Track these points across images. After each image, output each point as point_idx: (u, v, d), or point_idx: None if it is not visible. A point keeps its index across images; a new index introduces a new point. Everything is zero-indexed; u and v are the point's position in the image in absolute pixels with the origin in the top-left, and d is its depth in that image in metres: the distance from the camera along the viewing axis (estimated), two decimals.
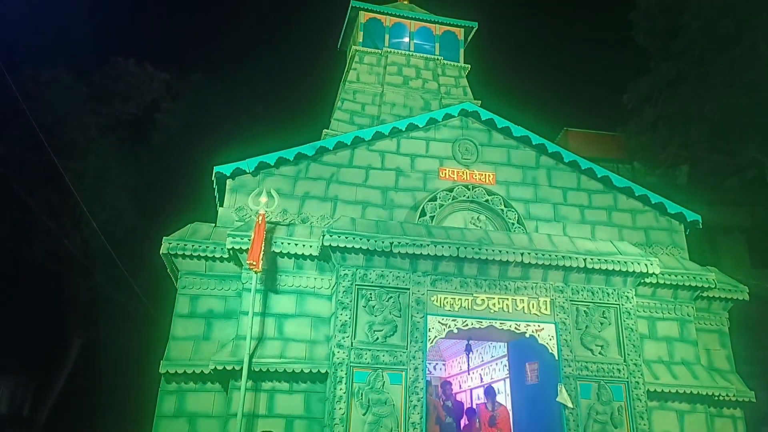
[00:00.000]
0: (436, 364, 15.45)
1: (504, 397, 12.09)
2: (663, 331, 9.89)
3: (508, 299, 9.22)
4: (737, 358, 10.70)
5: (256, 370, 8.54)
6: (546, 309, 9.25)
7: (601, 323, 9.31)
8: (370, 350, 8.64)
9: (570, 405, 8.69)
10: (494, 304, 9.18)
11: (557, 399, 8.79)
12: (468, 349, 11.78)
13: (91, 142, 18.87)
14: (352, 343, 8.64)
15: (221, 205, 10.42)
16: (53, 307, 17.91)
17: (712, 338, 10.53)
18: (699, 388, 9.32)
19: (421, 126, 11.24)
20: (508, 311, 9.18)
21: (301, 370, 8.70)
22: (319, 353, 8.94)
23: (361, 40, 15.20)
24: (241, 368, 8.40)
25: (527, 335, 9.21)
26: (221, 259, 9.54)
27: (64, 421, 14.84)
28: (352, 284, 8.92)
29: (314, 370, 8.71)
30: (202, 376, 8.97)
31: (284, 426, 8.44)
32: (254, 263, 8.60)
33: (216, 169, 10.23)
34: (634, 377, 8.98)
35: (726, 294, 10.38)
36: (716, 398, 9.52)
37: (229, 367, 8.49)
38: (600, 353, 9.13)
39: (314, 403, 8.78)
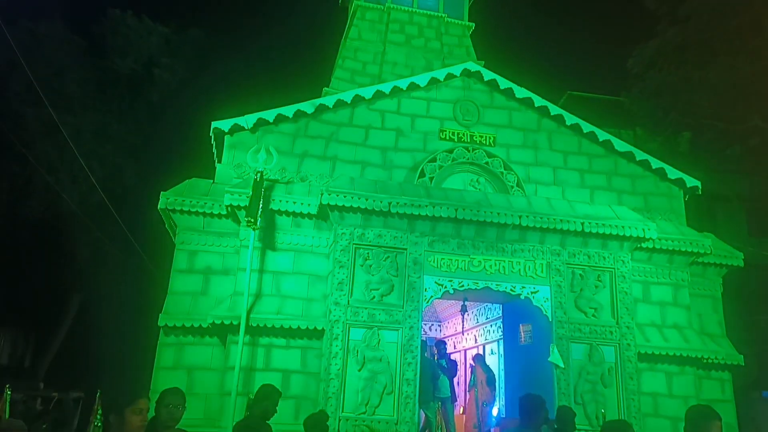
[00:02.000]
0: (432, 324, 15.65)
1: (497, 358, 12.32)
2: (657, 295, 9.98)
3: (504, 261, 9.28)
4: (730, 324, 10.85)
5: (254, 325, 8.65)
6: (542, 272, 9.32)
7: (596, 287, 9.40)
8: (366, 308, 8.75)
9: (561, 365, 8.84)
10: (491, 266, 9.24)
11: (549, 359, 8.93)
12: (463, 310, 11.92)
13: (89, 97, 18.64)
14: (348, 301, 8.74)
15: (219, 162, 10.37)
16: (52, 262, 18.02)
17: (705, 303, 10.65)
18: (689, 351, 9.47)
19: (422, 86, 11.09)
20: (504, 273, 9.25)
21: (298, 327, 8.81)
22: (315, 311, 9.04)
23: None
24: (239, 323, 8.51)
25: (522, 297, 9.31)
26: (219, 216, 9.56)
27: (65, 372, 15.14)
28: (349, 243, 8.95)
29: (311, 327, 8.82)
30: (200, 330, 9.10)
31: (281, 379, 8.60)
32: (252, 220, 8.61)
33: (214, 124, 10.13)
34: (626, 339, 9.12)
35: (721, 260, 10.45)
36: (705, 361, 9.68)
37: (227, 322, 8.61)
38: (593, 316, 9.25)
39: (311, 359, 8.93)
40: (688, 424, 3.55)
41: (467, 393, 11.49)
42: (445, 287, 9.14)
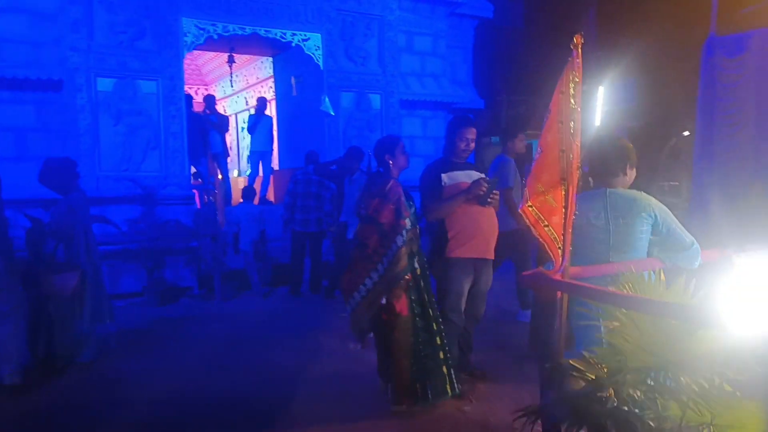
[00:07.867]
0: (198, 89, 14.58)
1: (270, 120, 12.14)
2: (419, 45, 10.39)
3: (274, 4, 8.55)
4: (475, 74, 12.03)
5: None
6: (313, 17, 8.87)
7: (365, 35, 9.37)
8: (114, 55, 7.56)
9: (332, 113, 9.01)
10: (259, 9, 8.46)
11: (321, 108, 9.01)
12: (230, 61, 11.10)
13: None
14: (89, 45, 7.38)
15: None
16: None
17: (458, 54, 11.49)
18: (442, 97, 10.38)
19: None
20: (274, 17, 8.59)
21: (26, 78, 7.28)
22: (47, 58, 7.48)
23: None
24: None
25: (293, 45, 8.90)
26: None
27: None
28: None
29: (44, 78, 7.36)
30: None
31: (14, 139, 7.31)
32: None
33: None
34: (390, 87, 9.55)
35: (474, 12, 11.10)
36: (454, 106, 10.78)
37: None
38: (362, 65, 9.36)
39: (50, 115, 7.64)
40: (449, 132, 4.00)
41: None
42: (209, 32, 8.23)
